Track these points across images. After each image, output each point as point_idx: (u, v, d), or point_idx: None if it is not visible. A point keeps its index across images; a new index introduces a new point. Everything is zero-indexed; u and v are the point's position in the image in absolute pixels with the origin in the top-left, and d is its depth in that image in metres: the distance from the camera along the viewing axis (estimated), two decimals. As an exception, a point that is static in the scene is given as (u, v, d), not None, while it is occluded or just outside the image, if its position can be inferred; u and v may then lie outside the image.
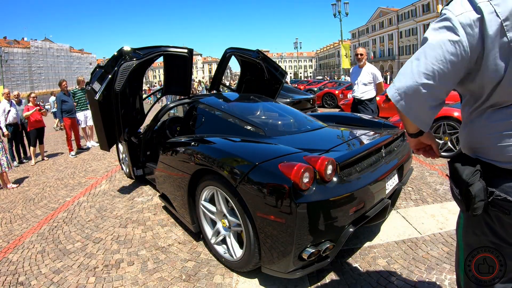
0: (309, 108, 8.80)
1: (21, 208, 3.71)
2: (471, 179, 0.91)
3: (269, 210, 1.73)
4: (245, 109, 3.41)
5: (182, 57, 3.81)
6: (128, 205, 3.51)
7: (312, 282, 1.99)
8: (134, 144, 3.77)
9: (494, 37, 0.80)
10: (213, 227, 2.33)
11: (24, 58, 56.30)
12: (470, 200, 0.91)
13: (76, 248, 2.62)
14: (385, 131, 2.79)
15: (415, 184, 3.59)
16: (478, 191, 0.89)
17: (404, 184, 2.57)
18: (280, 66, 4.77)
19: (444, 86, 0.88)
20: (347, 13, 19.83)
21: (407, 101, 0.91)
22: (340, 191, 1.81)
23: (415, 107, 0.92)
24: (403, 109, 0.93)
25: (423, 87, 0.87)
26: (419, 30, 44.16)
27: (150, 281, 2.10)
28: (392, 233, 2.52)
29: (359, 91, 4.50)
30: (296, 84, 21.26)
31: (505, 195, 0.87)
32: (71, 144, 6.61)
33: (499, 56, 0.82)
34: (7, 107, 5.96)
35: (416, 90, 0.88)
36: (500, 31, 0.80)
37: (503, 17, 0.79)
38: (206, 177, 2.20)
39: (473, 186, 0.90)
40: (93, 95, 3.33)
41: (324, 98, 12.73)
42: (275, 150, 2.08)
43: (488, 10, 0.80)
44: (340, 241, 1.82)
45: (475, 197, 0.89)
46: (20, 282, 2.21)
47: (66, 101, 6.49)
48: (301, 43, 39.80)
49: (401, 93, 0.92)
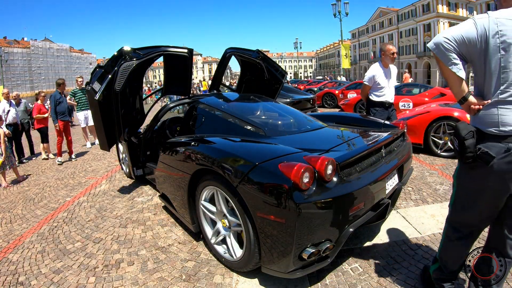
0: (309, 108, 8.80)
1: (21, 208, 3.71)
2: (466, 135, 1.34)
3: (269, 210, 1.73)
4: (245, 109, 3.41)
5: (182, 57, 3.81)
6: (128, 205, 3.51)
7: (312, 282, 1.99)
8: (134, 144, 3.77)
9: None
10: (213, 227, 2.33)
11: (24, 58, 56.29)
12: (464, 150, 1.34)
13: (76, 248, 2.62)
14: (385, 131, 2.78)
15: (415, 184, 3.58)
16: (470, 144, 1.33)
17: (404, 184, 2.57)
18: (280, 66, 4.77)
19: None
20: (347, 13, 19.84)
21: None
22: (340, 191, 1.81)
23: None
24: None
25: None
26: (419, 30, 44.14)
27: (150, 281, 2.10)
28: (392, 233, 2.52)
29: (391, 94, 3.93)
30: (296, 84, 21.26)
31: (487, 150, 1.30)
32: (61, 149, 6.03)
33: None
34: (7, 107, 5.97)
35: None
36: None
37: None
38: (206, 177, 2.20)
39: (467, 141, 1.33)
40: (93, 95, 3.33)
41: (324, 98, 12.74)
42: (275, 150, 2.08)
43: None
44: (340, 241, 1.82)
45: (468, 147, 1.33)
46: (20, 282, 2.21)
47: (61, 101, 6.00)
48: (301, 43, 39.77)
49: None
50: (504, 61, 1.28)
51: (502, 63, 1.29)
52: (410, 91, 8.40)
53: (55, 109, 5.89)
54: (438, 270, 1.72)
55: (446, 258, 1.68)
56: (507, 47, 1.27)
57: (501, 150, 1.29)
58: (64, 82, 6.33)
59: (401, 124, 2.93)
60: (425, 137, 4.68)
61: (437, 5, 40.45)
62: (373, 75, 3.82)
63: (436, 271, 1.74)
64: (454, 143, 1.41)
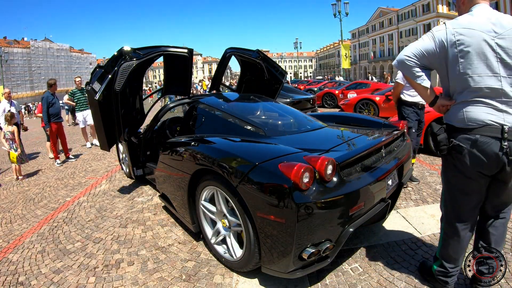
0: (309, 108, 8.79)
1: (21, 208, 3.71)
2: (438, 131, 1.59)
3: (269, 210, 1.73)
4: (245, 109, 3.41)
5: (182, 57, 3.81)
6: (128, 205, 3.51)
7: (312, 282, 1.99)
8: (134, 144, 3.77)
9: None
10: (213, 227, 2.33)
11: (24, 58, 56.36)
12: (438, 143, 1.58)
13: (76, 248, 2.62)
14: (385, 131, 2.78)
15: (415, 184, 3.58)
16: (442, 138, 1.57)
17: (404, 184, 2.57)
18: (280, 66, 4.77)
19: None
20: (347, 13, 19.86)
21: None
22: (340, 191, 1.81)
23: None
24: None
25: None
26: (419, 30, 44.14)
27: (150, 281, 2.10)
28: (392, 233, 2.52)
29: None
30: (296, 84, 21.26)
31: (458, 142, 1.52)
32: (57, 151, 5.97)
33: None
34: (7, 107, 5.98)
35: None
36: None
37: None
38: (206, 177, 2.20)
39: (439, 136, 1.58)
40: (93, 95, 3.33)
41: (324, 98, 12.73)
42: (275, 150, 2.08)
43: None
44: (340, 241, 1.82)
45: (440, 141, 1.57)
46: (20, 282, 2.21)
47: (53, 103, 5.73)
48: (301, 43, 39.68)
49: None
50: (463, 68, 1.46)
51: (461, 69, 1.47)
52: (410, 91, 8.40)
53: (47, 111, 5.62)
54: (441, 267, 1.77)
55: (447, 255, 1.74)
56: (465, 55, 1.44)
57: (469, 141, 1.49)
58: (55, 83, 6.03)
59: (401, 124, 2.93)
60: (425, 137, 4.68)
61: (437, 5, 40.49)
62: None
63: (439, 268, 1.78)
64: (431, 140, 1.62)
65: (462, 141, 1.51)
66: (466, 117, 1.50)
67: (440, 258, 1.77)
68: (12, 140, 5.09)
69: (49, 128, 5.72)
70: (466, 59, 1.44)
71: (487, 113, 1.45)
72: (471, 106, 1.49)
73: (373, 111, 8.71)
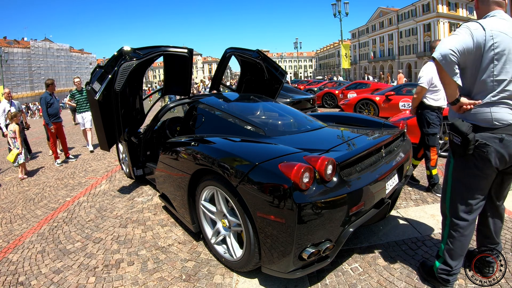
0: (309, 108, 8.79)
1: (21, 208, 3.71)
2: (468, 130, 1.56)
3: (269, 210, 1.73)
4: (245, 109, 3.41)
5: (182, 57, 3.81)
6: (128, 205, 3.51)
7: (312, 282, 1.99)
8: (134, 144, 3.77)
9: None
10: (213, 227, 2.33)
11: (24, 58, 56.31)
12: (468, 143, 1.55)
13: (76, 248, 2.62)
14: (385, 131, 2.78)
15: (415, 184, 3.58)
16: (472, 138, 1.55)
17: (404, 184, 2.57)
18: (280, 66, 4.77)
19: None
20: (347, 13, 19.83)
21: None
22: (340, 191, 1.81)
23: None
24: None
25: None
26: (419, 30, 44.14)
27: (150, 281, 2.10)
28: (392, 233, 2.52)
29: (444, 97, 3.27)
30: (296, 84, 21.25)
31: (485, 141, 1.55)
32: (57, 151, 5.98)
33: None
34: (7, 107, 5.97)
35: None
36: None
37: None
38: (206, 177, 2.20)
39: (470, 135, 1.55)
40: (93, 95, 3.33)
41: (324, 98, 12.73)
42: (275, 150, 2.08)
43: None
44: (340, 241, 1.82)
45: (471, 141, 1.55)
46: (20, 282, 2.21)
47: (51, 103, 5.73)
48: (301, 43, 39.66)
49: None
50: (497, 70, 1.50)
51: (495, 71, 1.50)
52: (410, 91, 8.40)
53: (47, 112, 5.65)
54: (444, 264, 1.77)
55: (453, 252, 1.75)
56: (500, 58, 1.48)
57: (496, 140, 1.55)
58: (53, 83, 5.95)
59: (401, 124, 2.93)
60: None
61: (437, 5, 40.46)
62: (432, 76, 3.17)
63: (442, 266, 1.78)
64: (455, 139, 1.61)
65: (489, 139, 1.55)
66: (493, 118, 1.55)
67: (444, 256, 1.78)
68: (14, 139, 5.12)
69: (49, 128, 5.74)
70: (500, 62, 1.49)
71: (509, 114, 1.54)
72: (497, 107, 1.54)
73: (373, 111, 8.71)
